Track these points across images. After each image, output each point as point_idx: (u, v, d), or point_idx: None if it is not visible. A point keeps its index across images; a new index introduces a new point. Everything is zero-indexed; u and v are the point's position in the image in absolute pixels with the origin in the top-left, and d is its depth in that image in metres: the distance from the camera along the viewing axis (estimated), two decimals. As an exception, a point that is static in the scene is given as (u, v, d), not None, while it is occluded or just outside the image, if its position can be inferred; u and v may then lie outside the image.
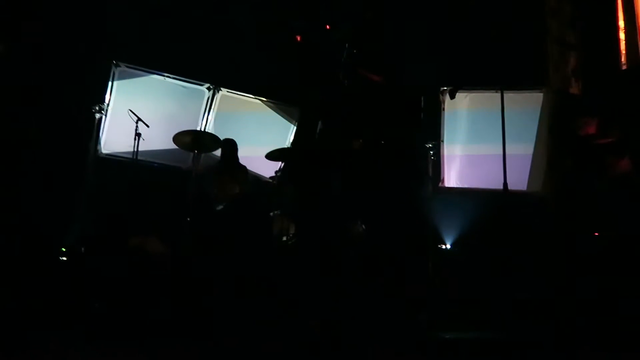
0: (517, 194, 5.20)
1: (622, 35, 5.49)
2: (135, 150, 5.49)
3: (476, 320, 4.20)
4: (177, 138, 5.64)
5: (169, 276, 4.53)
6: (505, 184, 4.14)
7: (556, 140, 5.54)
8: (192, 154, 5.73)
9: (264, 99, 6.76)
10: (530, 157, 5.93)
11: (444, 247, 5.83)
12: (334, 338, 3.62)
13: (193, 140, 5.60)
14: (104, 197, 5.58)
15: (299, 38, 6.32)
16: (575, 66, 5.94)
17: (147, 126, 5.59)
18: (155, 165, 6.19)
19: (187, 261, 4.81)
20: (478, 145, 6.13)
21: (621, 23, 5.51)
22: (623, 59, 5.45)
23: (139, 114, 5.56)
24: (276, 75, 6.42)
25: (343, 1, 6.27)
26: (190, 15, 6.20)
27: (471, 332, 3.87)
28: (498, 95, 4.32)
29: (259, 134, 6.59)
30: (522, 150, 5.87)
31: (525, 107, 5.97)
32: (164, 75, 6.29)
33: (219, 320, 3.90)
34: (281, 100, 6.78)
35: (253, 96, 6.73)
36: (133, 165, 5.56)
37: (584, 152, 4.66)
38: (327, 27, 6.12)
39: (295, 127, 6.80)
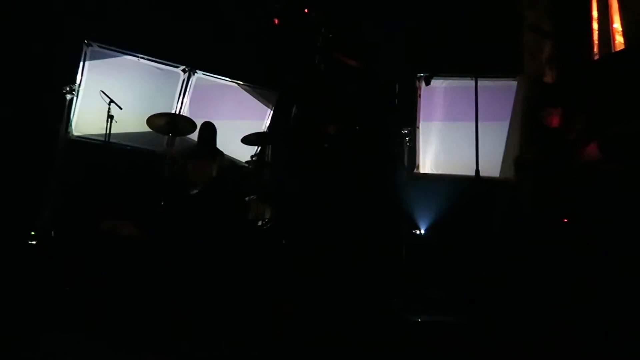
0: (489, 180, 5.27)
1: (595, 26, 5.54)
2: (108, 132, 5.39)
3: (449, 304, 4.28)
4: (151, 121, 5.56)
5: (141, 260, 4.49)
6: (477, 170, 4.20)
7: (529, 128, 5.62)
8: (166, 137, 5.67)
9: (240, 82, 6.69)
10: (504, 144, 6.00)
11: (418, 232, 5.90)
12: (307, 322, 3.65)
13: (167, 123, 5.53)
14: (75, 180, 5.49)
15: (276, 21, 6.24)
16: (550, 55, 6.01)
17: (120, 108, 5.49)
18: (129, 148, 6.09)
19: (161, 245, 4.77)
20: (452, 131, 6.18)
21: (595, 13, 5.57)
22: (595, 49, 5.52)
23: (112, 95, 5.45)
24: (252, 58, 6.35)
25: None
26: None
27: (444, 316, 3.95)
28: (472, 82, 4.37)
29: (234, 117, 6.52)
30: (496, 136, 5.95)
31: (499, 95, 6.02)
32: (137, 56, 6.16)
33: (192, 306, 3.89)
34: (257, 83, 6.72)
35: (229, 79, 6.65)
36: (105, 148, 5.46)
37: (553, 140, 4.74)
38: (305, 10, 6.05)
39: (271, 111, 6.75)
